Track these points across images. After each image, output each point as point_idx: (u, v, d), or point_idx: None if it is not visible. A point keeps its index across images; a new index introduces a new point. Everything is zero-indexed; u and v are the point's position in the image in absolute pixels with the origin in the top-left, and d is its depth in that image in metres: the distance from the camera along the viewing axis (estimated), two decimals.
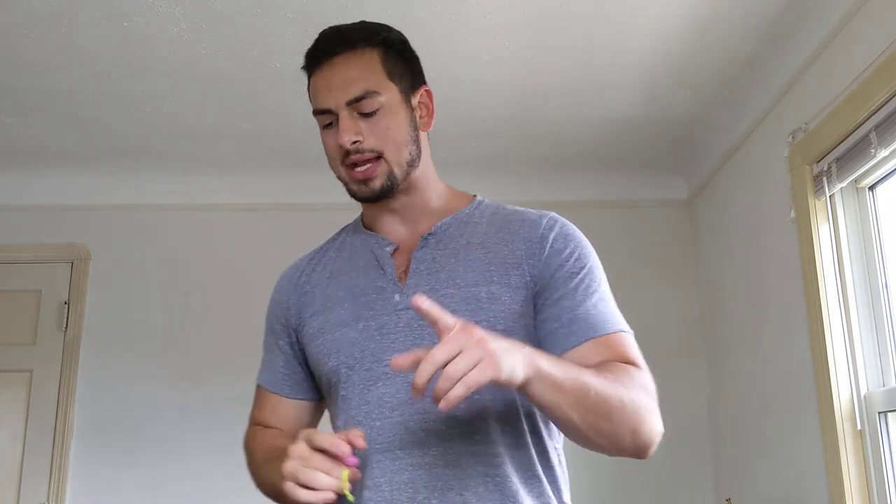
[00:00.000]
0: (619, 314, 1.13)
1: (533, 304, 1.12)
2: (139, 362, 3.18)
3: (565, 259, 1.13)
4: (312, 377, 1.23)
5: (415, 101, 1.19)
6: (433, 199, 1.22)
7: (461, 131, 2.87)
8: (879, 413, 2.05)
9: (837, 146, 2.14)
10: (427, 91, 1.22)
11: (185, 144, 3.04)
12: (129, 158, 3.15)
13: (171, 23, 2.23)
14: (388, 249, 1.18)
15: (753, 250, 2.73)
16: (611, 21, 2.26)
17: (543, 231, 1.15)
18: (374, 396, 1.09)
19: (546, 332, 1.10)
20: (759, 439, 2.71)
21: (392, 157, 1.14)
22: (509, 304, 1.10)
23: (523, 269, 1.12)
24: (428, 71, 1.20)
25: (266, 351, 1.29)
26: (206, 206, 3.36)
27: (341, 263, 1.22)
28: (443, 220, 1.19)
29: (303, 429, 1.14)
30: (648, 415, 1.04)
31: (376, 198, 1.16)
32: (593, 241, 1.20)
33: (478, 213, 1.21)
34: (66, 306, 3.20)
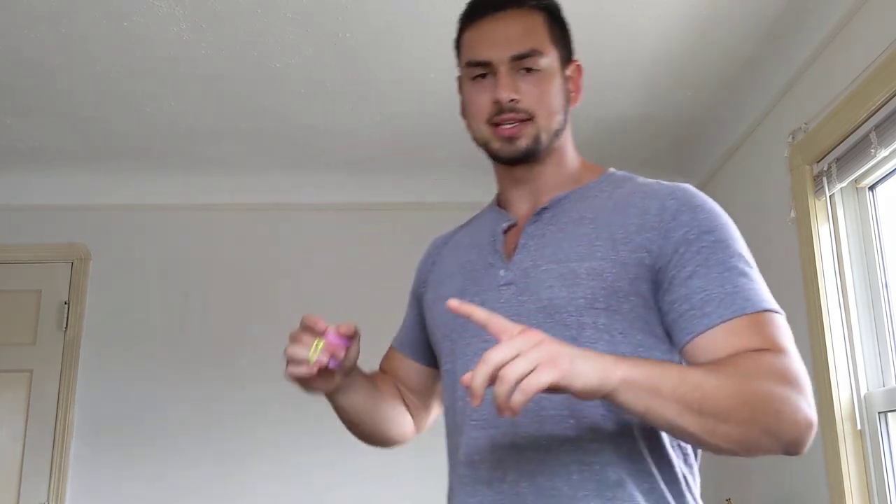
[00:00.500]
0: (763, 290, 1.01)
1: (653, 283, 1.02)
2: (139, 362, 3.18)
3: (691, 232, 1.02)
4: (429, 344, 1.25)
5: (567, 71, 1.16)
6: (564, 172, 1.17)
7: (462, 130, 2.87)
8: (879, 413, 2.05)
9: (837, 146, 2.14)
10: (578, 66, 1.19)
11: (185, 144, 3.04)
12: (129, 158, 3.15)
13: (171, 23, 2.23)
14: (503, 225, 1.15)
15: (753, 250, 2.71)
16: (611, 21, 2.26)
17: (665, 202, 1.05)
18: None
19: (676, 316, 1.00)
20: None
21: (542, 123, 1.10)
22: (612, 281, 1.01)
23: (637, 243, 1.03)
24: (427, 71, 1.20)
25: (406, 313, 1.34)
26: (206, 206, 3.36)
27: (466, 239, 1.23)
28: (560, 194, 1.13)
29: (421, 389, 1.28)
30: (786, 406, 0.90)
31: (519, 158, 1.12)
32: None
33: (600, 187, 1.14)
34: (66, 306, 3.20)
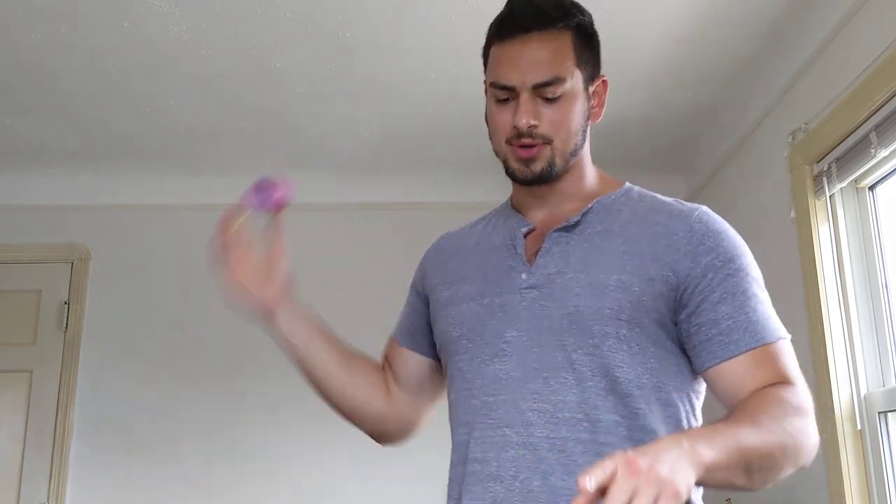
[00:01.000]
0: (776, 318, 1.08)
1: (676, 301, 1.07)
2: (139, 362, 3.18)
3: (718, 258, 1.08)
4: (430, 336, 1.26)
5: (592, 89, 1.18)
6: (582, 184, 1.19)
7: (462, 130, 2.87)
8: (879, 413, 2.05)
9: (837, 146, 2.14)
10: (604, 81, 1.21)
11: (185, 144, 3.04)
12: (129, 158, 3.16)
13: (171, 23, 2.23)
14: (523, 230, 1.17)
15: (753, 250, 2.71)
16: (610, 21, 2.26)
17: (693, 225, 1.10)
18: (490, 371, 1.10)
19: (704, 338, 1.06)
20: None
21: (559, 146, 1.12)
22: (639, 296, 1.06)
23: (664, 262, 1.07)
24: (428, 71, 1.21)
25: (405, 305, 1.36)
26: (206, 206, 3.35)
27: (481, 240, 1.24)
28: (586, 206, 1.15)
29: (413, 381, 1.28)
30: (805, 438, 1.00)
31: (534, 181, 1.14)
32: None
33: (622, 201, 1.17)
34: (66, 306, 3.20)
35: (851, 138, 2.07)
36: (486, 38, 1.18)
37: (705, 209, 1.14)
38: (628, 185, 1.22)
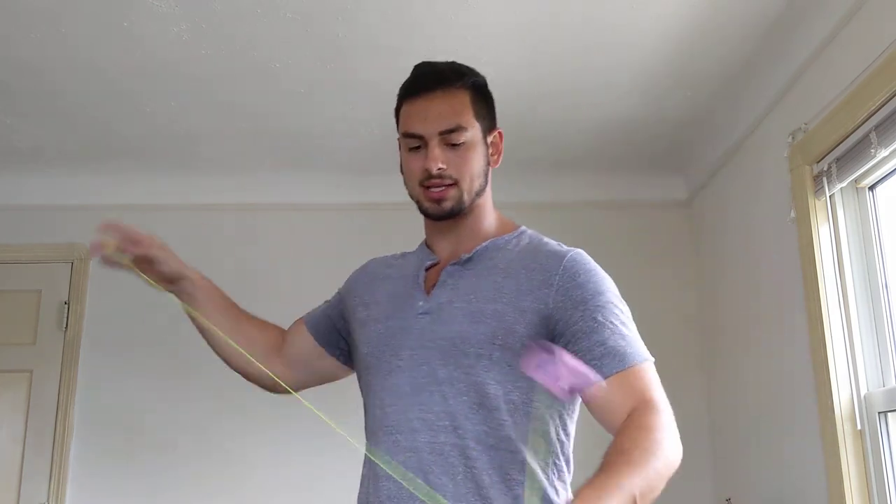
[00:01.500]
0: (640, 343, 1.23)
1: (548, 332, 1.22)
2: (139, 362, 3.18)
3: (587, 295, 1.23)
4: (334, 332, 1.47)
5: (489, 139, 1.36)
6: (483, 225, 1.37)
7: None
8: (879, 413, 2.05)
9: (837, 146, 2.14)
10: (500, 133, 1.39)
11: (185, 144, 3.04)
12: (129, 158, 3.16)
13: (171, 23, 2.23)
14: (427, 263, 1.36)
15: (753, 250, 2.73)
16: (610, 21, 2.26)
17: (564, 265, 1.26)
18: (388, 384, 1.28)
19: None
20: (758, 439, 2.71)
21: (465, 186, 1.31)
22: (511, 324, 1.22)
23: (537, 295, 1.24)
24: None
25: (328, 300, 1.54)
26: (206, 206, 3.36)
27: (397, 271, 1.42)
28: (480, 245, 1.34)
29: (299, 358, 1.50)
30: (675, 453, 1.11)
31: (444, 216, 1.32)
32: (593, 241, 1.24)
33: (514, 242, 1.35)
34: (66, 306, 3.20)
35: (851, 138, 2.07)
36: (398, 100, 1.38)
37: (579, 251, 1.31)
38: (523, 228, 1.39)
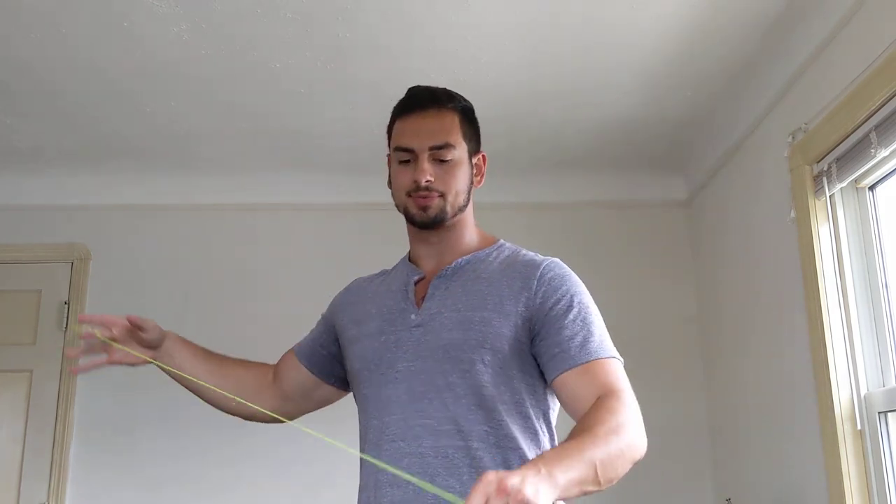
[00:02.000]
0: (609, 343, 1.31)
1: (529, 331, 1.32)
2: None
3: (561, 296, 1.32)
4: (327, 360, 1.54)
5: (474, 160, 1.46)
6: (465, 239, 1.45)
7: None
8: (879, 413, 2.05)
9: (837, 146, 2.14)
10: (483, 156, 1.48)
11: (185, 144, 3.04)
12: (129, 158, 3.16)
13: (171, 23, 2.23)
14: (415, 278, 1.43)
15: (753, 250, 2.73)
16: (610, 21, 2.26)
17: (541, 271, 1.36)
18: (386, 395, 1.33)
19: (549, 357, 1.29)
20: (758, 439, 2.71)
21: (450, 199, 1.39)
22: (498, 328, 1.31)
23: (517, 300, 1.33)
24: (427, 72, 1.24)
25: (314, 327, 1.61)
26: (206, 206, 3.36)
27: (383, 287, 1.48)
28: (463, 258, 1.42)
29: (296, 390, 1.56)
30: (640, 439, 1.18)
31: (429, 223, 1.40)
32: (593, 241, 1.23)
33: (494, 254, 1.44)
34: (66, 306, 3.20)
35: (851, 138, 2.07)
36: (391, 117, 1.46)
37: (555, 259, 1.40)
38: (502, 241, 1.48)
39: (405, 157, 1.39)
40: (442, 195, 1.38)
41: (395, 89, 2.60)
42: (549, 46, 2.38)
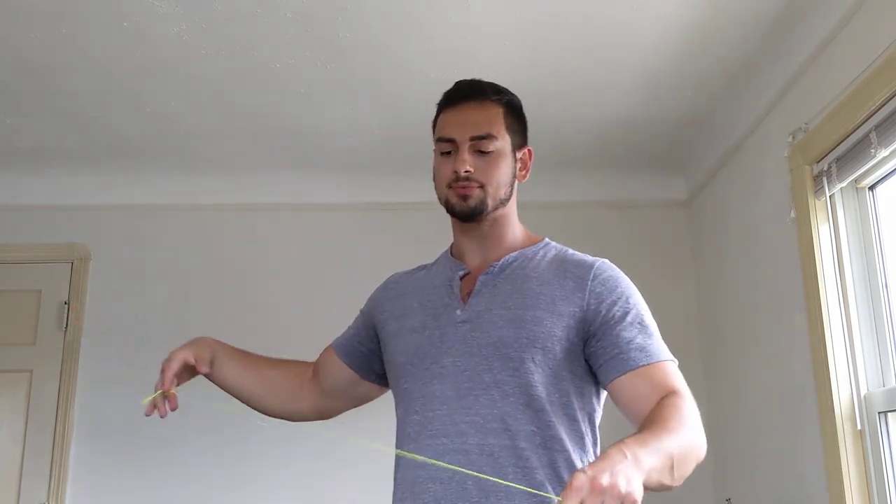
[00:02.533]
0: (664, 345, 1.30)
1: (583, 332, 1.31)
2: (139, 362, 3.17)
3: (617, 298, 1.32)
4: (366, 356, 1.52)
5: (519, 154, 1.44)
6: (509, 236, 1.44)
7: None
8: (879, 413, 2.05)
9: (837, 146, 2.14)
10: (529, 150, 1.48)
11: (185, 144, 3.04)
12: (129, 158, 3.16)
13: (171, 23, 2.23)
14: (460, 273, 1.41)
15: (753, 250, 2.73)
16: (610, 21, 2.26)
17: (595, 272, 1.35)
18: (430, 391, 1.32)
19: (606, 359, 1.28)
20: (758, 439, 2.71)
21: (490, 191, 1.37)
22: (550, 328, 1.29)
23: (571, 301, 1.31)
24: (427, 71, 1.24)
25: (352, 324, 1.59)
26: (206, 206, 3.36)
27: (425, 281, 1.46)
28: (510, 255, 1.40)
29: (336, 387, 1.55)
30: (704, 442, 1.18)
31: (468, 214, 1.38)
32: (593, 240, 1.24)
33: (542, 253, 1.42)
34: (66, 306, 3.20)
35: (851, 138, 2.07)
36: (437, 109, 1.45)
37: (605, 260, 1.39)
38: (547, 240, 1.47)
39: (447, 147, 1.38)
40: (482, 186, 1.36)
41: (396, 89, 2.62)
42: (549, 46, 2.39)
